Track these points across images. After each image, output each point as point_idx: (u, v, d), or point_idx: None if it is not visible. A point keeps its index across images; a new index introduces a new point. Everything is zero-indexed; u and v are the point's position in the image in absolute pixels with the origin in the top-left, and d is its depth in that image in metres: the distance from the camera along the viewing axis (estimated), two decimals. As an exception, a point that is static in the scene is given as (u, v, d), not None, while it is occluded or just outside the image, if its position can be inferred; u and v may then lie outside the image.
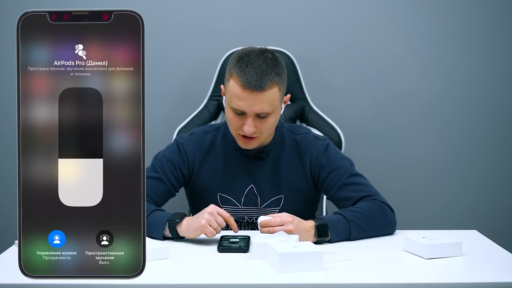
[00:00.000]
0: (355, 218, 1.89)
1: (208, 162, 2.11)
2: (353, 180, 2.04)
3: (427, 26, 2.91)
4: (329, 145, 2.11)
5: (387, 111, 2.94)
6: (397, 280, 1.55)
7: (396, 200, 2.17)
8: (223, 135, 2.13)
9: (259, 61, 1.95)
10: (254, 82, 1.92)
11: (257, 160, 2.10)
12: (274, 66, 1.96)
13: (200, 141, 2.12)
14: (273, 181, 2.09)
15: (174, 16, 2.86)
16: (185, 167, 2.10)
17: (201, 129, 2.19)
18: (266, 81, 1.93)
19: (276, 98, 1.96)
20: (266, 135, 2.02)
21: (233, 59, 1.99)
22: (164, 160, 2.08)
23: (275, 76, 1.95)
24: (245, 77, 1.92)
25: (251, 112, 1.95)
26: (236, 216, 2.09)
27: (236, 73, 1.95)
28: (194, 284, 1.52)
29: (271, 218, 1.79)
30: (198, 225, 1.77)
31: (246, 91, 1.93)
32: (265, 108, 1.95)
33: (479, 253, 1.76)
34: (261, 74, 1.93)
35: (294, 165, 2.10)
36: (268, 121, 1.98)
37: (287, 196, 2.09)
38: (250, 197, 2.09)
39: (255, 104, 1.93)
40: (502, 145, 2.98)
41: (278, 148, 2.11)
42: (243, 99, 1.93)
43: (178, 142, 2.12)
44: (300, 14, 2.88)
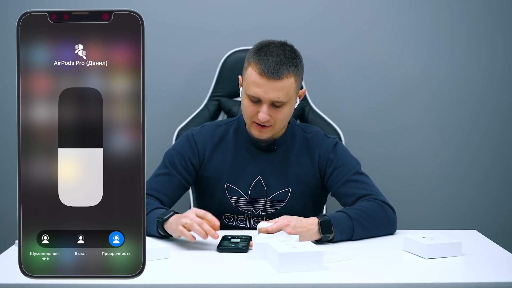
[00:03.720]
0: (358, 216, 1.89)
1: (218, 153, 2.13)
2: (357, 178, 2.06)
3: (427, 26, 2.91)
4: (338, 143, 2.15)
5: (387, 111, 2.94)
6: (397, 280, 1.55)
7: (396, 200, 2.16)
8: (236, 128, 2.16)
9: (278, 51, 2.00)
10: (271, 70, 1.96)
11: (267, 152, 2.12)
12: (292, 57, 2.01)
13: (212, 133, 2.15)
14: (281, 174, 2.11)
15: (174, 16, 2.86)
16: (195, 159, 2.12)
17: (213, 122, 2.24)
18: (283, 70, 1.97)
19: (292, 88, 2.00)
20: (279, 125, 2.05)
21: (252, 49, 2.04)
22: (174, 154, 2.11)
23: (293, 66, 1.99)
24: (263, 65, 1.97)
25: (266, 100, 1.98)
26: (242, 208, 2.11)
27: (254, 61, 1.99)
28: (194, 284, 1.52)
29: (269, 226, 1.80)
30: (176, 228, 1.76)
31: (263, 78, 1.97)
32: (281, 97, 1.98)
33: (479, 253, 1.76)
34: (279, 62, 1.97)
35: (303, 159, 2.12)
36: (282, 111, 2.01)
37: (294, 190, 2.11)
38: (257, 189, 2.11)
39: (271, 91, 1.97)
40: (502, 145, 2.98)
41: (289, 142, 2.14)
42: (259, 86, 1.97)
43: (188, 134, 2.15)
44: (300, 15, 2.88)
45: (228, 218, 2.13)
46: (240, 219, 2.13)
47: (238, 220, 2.13)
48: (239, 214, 2.12)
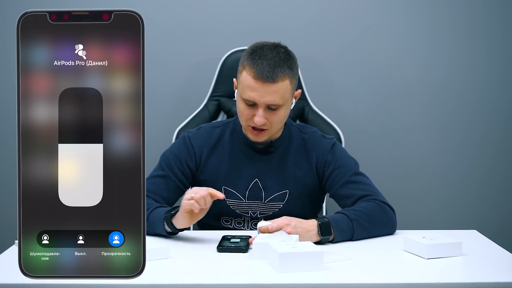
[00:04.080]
0: (358, 217, 1.89)
1: (214, 156, 2.12)
2: (356, 179, 2.05)
3: (427, 26, 2.91)
4: (336, 144, 2.13)
5: (387, 111, 2.94)
6: (397, 280, 1.55)
7: (396, 200, 2.16)
8: (232, 130, 2.15)
9: (272, 54, 1.99)
10: (266, 73, 1.95)
11: (264, 154, 2.11)
12: (286, 60, 2.00)
13: (208, 135, 2.14)
14: (278, 176, 2.10)
15: (174, 16, 2.86)
16: (192, 162, 2.11)
17: (209, 124, 2.23)
18: (278, 73, 1.96)
19: (287, 91, 1.99)
20: (276, 128, 2.04)
21: (246, 52, 2.02)
22: (170, 156, 2.10)
23: (287, 69, 1.98)
24: (258, 68, 1.96)
25: (262, 103, 1.97)
26: (240, 210, 2.10)
27: (248, 64, 1.98)
28: (194, 284, 1.52)
29: (269, 224, 1.79)
30: (183, 203, 1.79)
31: (258, 82, 1.96)
32: (276, 100, 1.97)
33: (479, 253, 1.76)
34: (274, 66, 1.96)
35: (300, 161, 2.11)
36: (278, 114, 2.00)
37: (292, 192, 2.10)
38: (254, 191, 2.10)
39: (266, 95, 1.96)
40: (502, 145, 2.98)
41: (286, 144, 2.13)
42: (254, 89, 1.97)
43: (184, 137, 2.14)
44: (300, 15, 2.88)
45: (225, 221, 2.12)
46: (238, 222, 2.12)
47: (236, 223, 2.12)
48: (236, 217, 2.12)
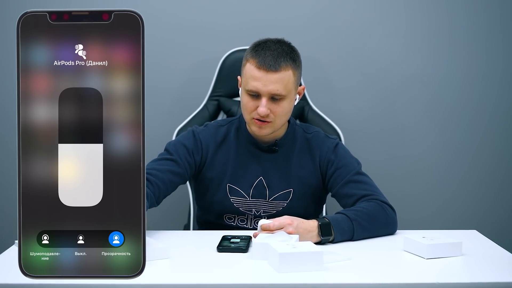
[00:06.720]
0: (358, 217, 1.89)
1: (220, 154, 2.13)
2: (358, 178, 2.06)
3: (427, 26, 2.91)
4: (339, 144, 2.15)
5: (387, 111, 2.94)
6: (397, 280, 1.55)
7: (396, 200, 2.16)
8: (237, 128, 2.16)
9: (275, 46, 2.02)
10: (269, 62, 1.98)
11: (268, 153, 2.12)
12: (289, 52, 2.03)
13: (214, 133, 2.15)
14: (283, 174, 2.12)
15: (174, 16, 2.86)
16: (198, 155, 2.11)
17: (214, 122, 2.24)
18: (280, 62, 1.99)
19: (290, 82, 2.01)
20: (279, 121, 2.05)
21: (249, 48, 2.06)
22: (178, 145, 2.10)
23: (290, 60, 2.01)
24: (261, 58, 1.99)
25: (265, 92, 1.99)
26: (243, 208, 2.11)
27: (252, 56, 2.02)
28: (194, 284, 1.52)
29: (270, 222, 1.79)
30: None
31: (261, 71, 1.98)
32: (279, 89, 1.99)
33: (479, 253, 1.76)
34: (277, 55, 2.00)
35: (304, 160, 2.13)
36: (281, 105, 2.02)
37: (296, 191, 2.11)
38: (258, 189, 2.11)
39: (269, 84, 1.98)
40: (502, 145, 2.98)
41: (290, 143, 2.14)
42: (258, 79, 1.99)
43: (193, 130, 2.15)
44: (300, 14, 2.88)
45: (229, 219, 2.13)
46: (241, 220, 2.13)
47: (239, 221, 2.13)
48: (240, 215, 2.12)
